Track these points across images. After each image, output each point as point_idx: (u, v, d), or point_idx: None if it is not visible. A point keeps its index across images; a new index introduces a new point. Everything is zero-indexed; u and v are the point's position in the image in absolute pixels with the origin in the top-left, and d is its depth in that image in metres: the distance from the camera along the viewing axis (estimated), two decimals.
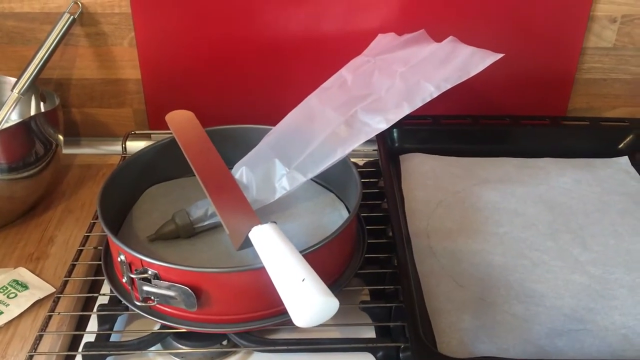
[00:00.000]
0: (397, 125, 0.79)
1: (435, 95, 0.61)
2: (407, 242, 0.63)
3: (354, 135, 0.61)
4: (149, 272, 0.51)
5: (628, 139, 0.80)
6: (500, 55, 0.62)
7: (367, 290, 0.61)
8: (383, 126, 0.61)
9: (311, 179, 0.69)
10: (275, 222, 0.51)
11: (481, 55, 0.62)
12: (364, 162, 0.82)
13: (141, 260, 0.51)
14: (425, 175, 0.74)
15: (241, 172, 0.62)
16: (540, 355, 0.51)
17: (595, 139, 0.81)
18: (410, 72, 0.64)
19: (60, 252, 0.66)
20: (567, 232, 0.66)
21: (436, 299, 0.57)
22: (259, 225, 0.50)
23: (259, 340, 0.53)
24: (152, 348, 0.54)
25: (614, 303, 0.57)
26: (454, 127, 0.81)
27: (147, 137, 0.83)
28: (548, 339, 0.53)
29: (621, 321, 0.55)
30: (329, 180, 0.69)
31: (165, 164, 0.68)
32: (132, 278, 0.52)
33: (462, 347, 0.52)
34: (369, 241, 0.64)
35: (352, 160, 0.81)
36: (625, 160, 0.78)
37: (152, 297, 0.52)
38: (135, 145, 0.77)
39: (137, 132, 0.81)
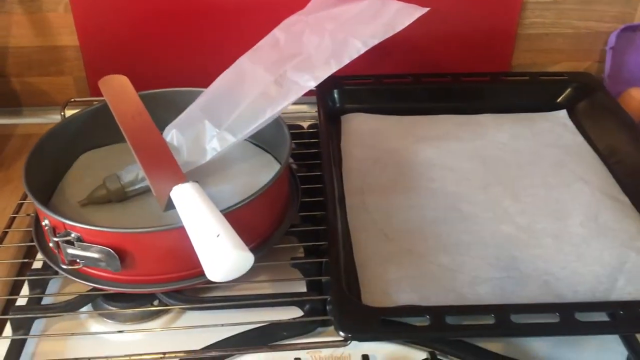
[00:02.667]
0: (338, 85, 0.80)
1: (362, 52, 0.61)
2: (340, 200, 0.64)
3: (284, 95, 0.61)
4: (72, 235, 0.51)
5: (566, 92, 0.81)
6: (426, 10, 0.62)
7: (302, 248, 0.62)
8: (311, 84, 0.61)
9: (248, 141, 0.70)
10: (197, 182, 0.52)
11: (407, 11, 0.62)
12: (308, 124, 0.82)
13: (64, 223, 0.51)
14: (364, 134, 0.75)
15: (172, 134, 0.62)
16: (460, 302, 0.53)
17: (535, 93, 0.81)
18: (339, 30, 0.63)
19: None
20: (499, 184, 0.67)
21: (364, 253, 0.58)
22: (180, 185, 0.51)
23: (188, 298, 0.54)
24: (84, 309, 0.55)
25: (538, 251, 0.58)
26: (396, 86, 0.81)
27: (88, 104, 0.81)
28: (470, 287, 0.54)
29: (544, 268, 0.57)
30: (266, 141, 0.69)
31: (99, 129, 0.68)
32: (57, 241, 0.52)
33: (384, 297, 0.53)
34: (305, 199, 0.65)
35: (298, 123, 0.82)
36: (563, 113, 0.79)
37: (78, 260, 0.52)
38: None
39: (76, 99, 0.80)
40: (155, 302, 0.55)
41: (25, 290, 0.58)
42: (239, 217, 0.53)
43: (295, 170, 0.69)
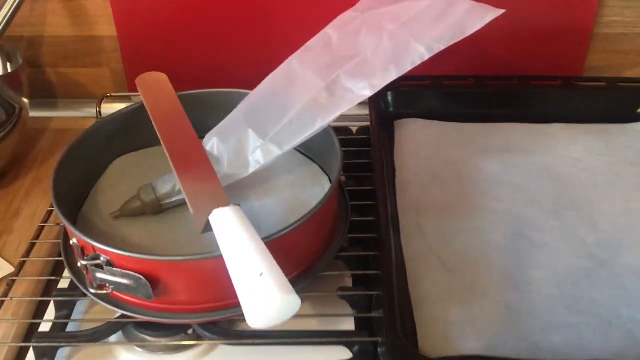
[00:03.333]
0: (392, 87, 0.72)
1: (426, 58, 0.54)
2: (393, 220, 0.58)
3: (335, 104, 0.55)
4: (102, 259, 0.46)
5: None
6: (502, 12, 0.55)
7: (351, 276, 0.56)
8: (367, 93, 0.54)
9: (294, 149, 0.64)
10: (238, 205, 0.46)
11: (480, 12, 0.55)
12: (357, 128, 0.76)
13: (93, 245, 0.46)
14: (420, 143, 0.68)
15: (212, 143, 0.56)
16: (533, 354, 0.46)
17: (612, 102, 0.73)
18: (400, 30, 0.57)
19: (25, 227, 0.62)
20: (573, 209, 0.59)
21: (421, 286, 0.52)
22: (220, 209, 0.45)
23: (223, 331, 0.49)
24: (113, 338, 0.50)
25: (620, 293, 0.51)
26: (456, 89, 0.74)
27: (126, 99, 0.78)
28: (543, 335, 0.48)
29: (628, 314, 0.49)
30: (312, 150, 0.63)
31: (136, 131, 0.63)
32: (85, 264, 0.47)
33: (445, 343, 0.47)
34: (354, 219, 0.59)
35: (346, 125, 0.76)
36: None
37: (107, 285, 0.48)
38: (112, 108, 0.72)
39: (113, 94, 0.75)
40: (190, 331, 0.50)
41: (50, 311, 0.54)
42: (284, 243, 0.48)
43: (343, 184, 0.63)
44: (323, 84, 0.56)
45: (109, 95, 0.75)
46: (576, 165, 0.65)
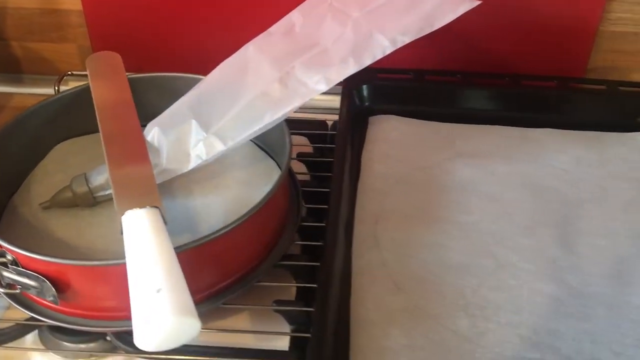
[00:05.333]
0: (369, 79, 0.68)
1: (388, 52, 0.49)
2: (347, 228, 0.53)
3: (288, 97, 0.50)
4: (8, 257, 0.43)
5: None
6: (477, 3, 0.49)
7: (296, 289, 0.51)
8: (322, 87, 0.49)
9: (252, 141, 0.59)
10: (157, 207, 0.42)
11: (453, 2, 0.49)
12: (332, 123, 0.70)
13: None
14: (392, 143, 0.62)
15: (153, 133, 0.52)
16: None
17: (611, 107, 0.67)
18: (366, 19, 0.51)
19: None
20: (549, 226, 0.54)
21: (363, 305, 0.47)
22: (134, 210, 0.41)
23: None
24: (30, 342, 0.47)
25: (586, 326, 0.46)
26: (440, 85, 0.68)
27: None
28: None
29: (590, 351, 0.44)
30: (270, 145, 0.58)
31: (83, 114, 0.58)
32: None
33: None
34: (308, 224, 0.54)
35: (321, 118, 0.71)
36: None
37: (16, 284, 0.44)
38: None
39: (75, 72, 0.71)
40: (108, 339, 0.46)
41: None
42: (212, 249, 0.44)
43: (303, 184, 0.58)
44: (277, 75, 0.51)
45: (70, 73, 0.70)
46: (561, 177, 0.59)
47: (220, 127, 0.51)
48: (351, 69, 0.49)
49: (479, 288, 0.48)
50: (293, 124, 0.66)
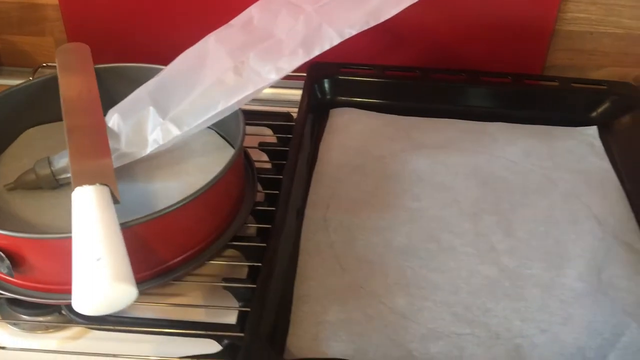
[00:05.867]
0: (331, 72, 0.70)
1: (336, 43, 0.52)
2: (299, 213, 0.55)
3: (241, 85, 0.52)
4: None
5: (603, 106, 0.68)
6: None
7: (248, 268, 0.54)
8: (273, 77, 0.52)
9: (213, 129, 0.62)
10: (106, 185, 0.44)
11: None
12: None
13: None
14: (351, 134, 0.65)
15: (113, 119, 0.54)
16: None
17: (564, 103, 0.69)
18: (317, 13, 0.54)
19: None
20: (493, 213, 0.56)
21: (306, 283, 0.49)
22: (83, 187, 0.43)
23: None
24: None
25: (518, 305, 0.48)
26: (400, 80, 0.71)
27: None
28: (421, 343, 0.45)
29: (519, 328, 0.46)
30: (230, 134, 0.61)
31: (50, 103, 0.61)
32: None
33: (313, 344, 0.44)
34: (263, 208, 0.56)
35: (286, 110, 0.73)
36: (593, 130, 0.66)
37: None
38: None
39: (50, 63, 0.73)
40: (63, 312, 0.49)
41: None
42: (161, 226, 0.46)
43: (262, 171, 0.60)
44: (232, 64, 0.53)
45: (45, 64, 0.73)
46: (509, 168, 0.61)
47: (177, 113, 0.53)
48: (300, 59, 0.52)
49: (420, 269, 0.51)
50: (258, 116, 0.70)
